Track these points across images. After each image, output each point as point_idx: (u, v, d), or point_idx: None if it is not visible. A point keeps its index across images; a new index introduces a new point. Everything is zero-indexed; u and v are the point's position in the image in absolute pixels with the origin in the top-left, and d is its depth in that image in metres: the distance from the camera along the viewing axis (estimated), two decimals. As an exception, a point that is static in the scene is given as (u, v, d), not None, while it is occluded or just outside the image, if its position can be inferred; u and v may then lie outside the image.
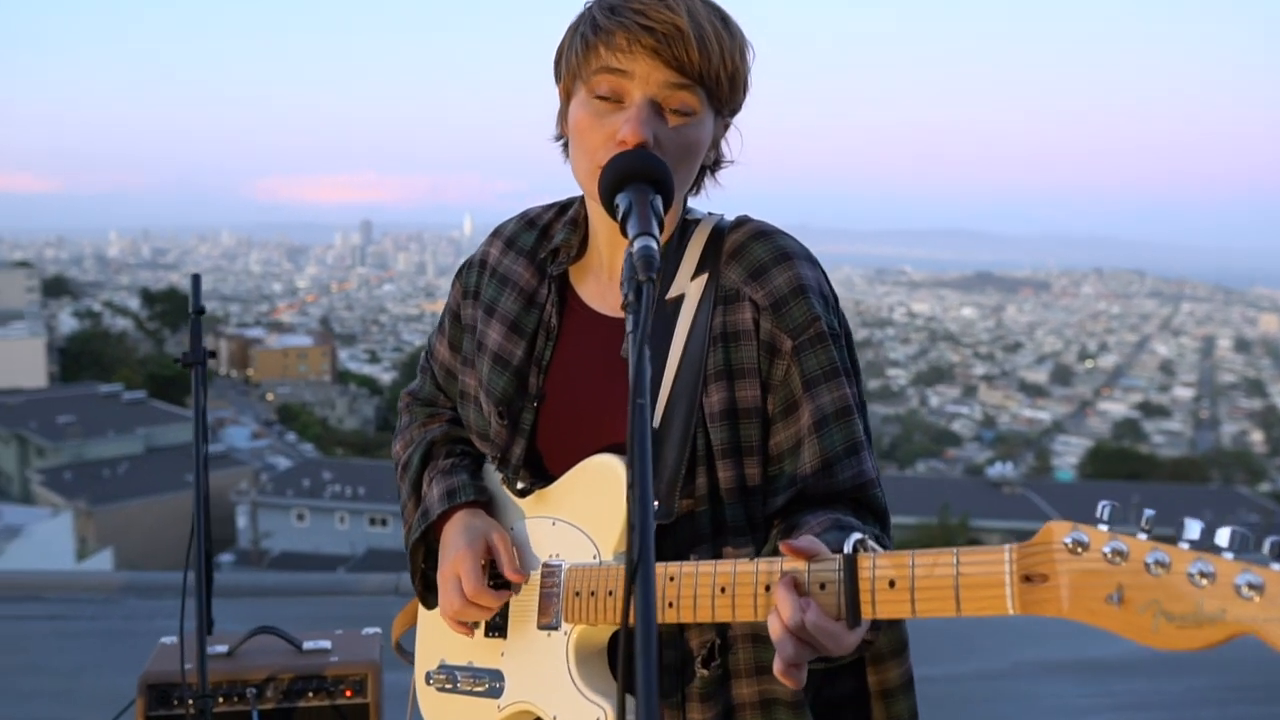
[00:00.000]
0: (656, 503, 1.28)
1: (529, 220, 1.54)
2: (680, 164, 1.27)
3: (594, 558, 1.32)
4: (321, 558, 35.50)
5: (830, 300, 1.38)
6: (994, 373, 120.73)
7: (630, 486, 1.39)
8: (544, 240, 1.49)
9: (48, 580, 5.47)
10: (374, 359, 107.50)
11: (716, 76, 1.25)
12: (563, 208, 1.52)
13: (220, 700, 2.09)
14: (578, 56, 1.27)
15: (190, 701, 1.86)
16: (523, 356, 1.45)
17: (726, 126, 1.38)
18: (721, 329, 1.33)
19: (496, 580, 1.39)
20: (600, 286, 1.43)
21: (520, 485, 1.44)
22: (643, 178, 1.17)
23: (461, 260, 1.62)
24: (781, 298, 1.32)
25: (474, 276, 1.55)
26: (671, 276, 1.38)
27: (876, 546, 1.07)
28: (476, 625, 1.43)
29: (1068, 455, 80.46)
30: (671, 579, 1.19)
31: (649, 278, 1.00)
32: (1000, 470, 57.45)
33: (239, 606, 5.06)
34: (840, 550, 1.06)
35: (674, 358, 1.33)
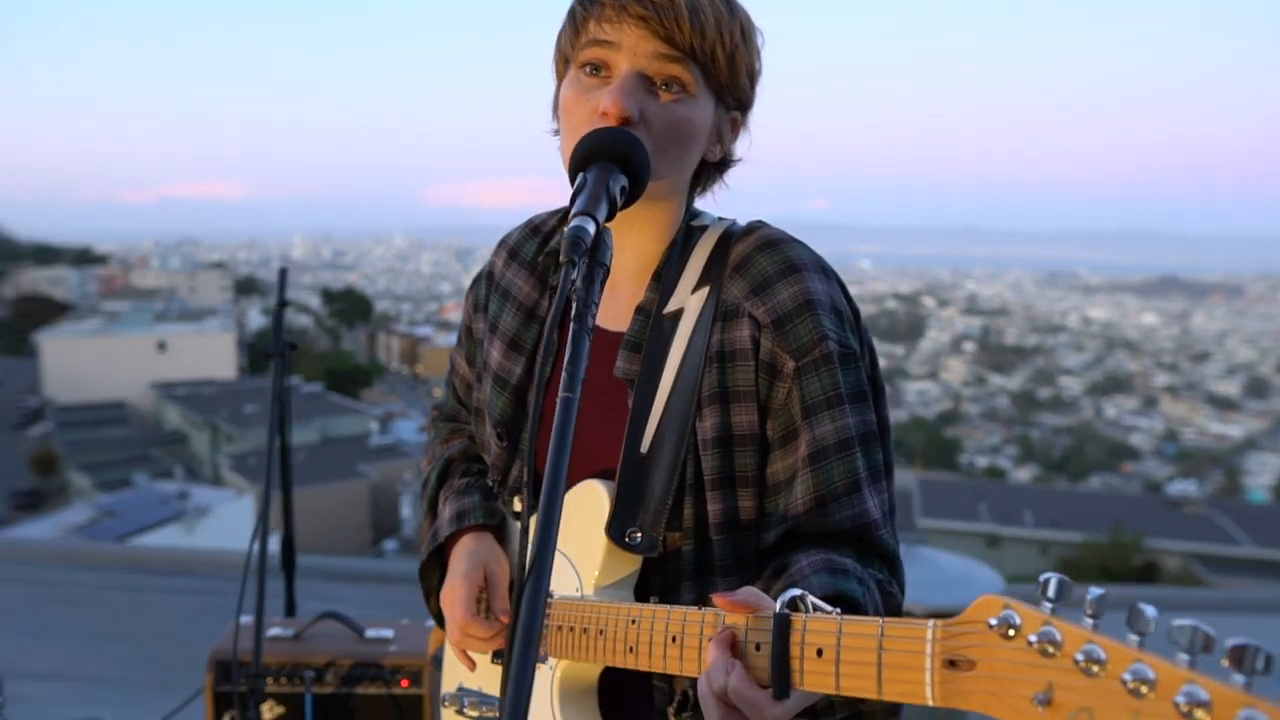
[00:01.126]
0: (639, 534, 1.20)
1: (533, 227, 1.46)
2: (670, 144, 1.18)
3: (576, 591, 1.24)
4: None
5: (846, 316, 1.24)
6: (1178, 384, 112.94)
7: (535, 504, 1.32)
8: (545, 248, 1.42)
9: (226, 559, 5.81)
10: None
11: (712, 52, 1.16)
12: (568, 212, 1.45)
13: (280, 680, 2.14)
14: (567, 35, 1.21)
15: (243, 679, 1.92)
16: (521, 375, 1.38)
17: (736, 123, 1.28)
18: (719, 347, 1.22)
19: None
20: (603, 297, 1.33)
21: (517, 509, 1.38)
22: (609, 155, 1.07)
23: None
24: (785, 314, 1.20)
25: (483, 289, 1.48)
26: (672, 288, 1.27)
27: (820, 604, 0.92)
28: (484, 654, 1.38)
29: (1262, 475, 74.39)
30: (634, 621, 1.10)
31: (570, 260, 0.92)
32: (1182, 488, 53.73)
33: (371, 592, 5.27)
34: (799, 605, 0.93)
35: (668, 377, 1.23)
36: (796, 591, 0.93)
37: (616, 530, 1.21)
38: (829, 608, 0.91)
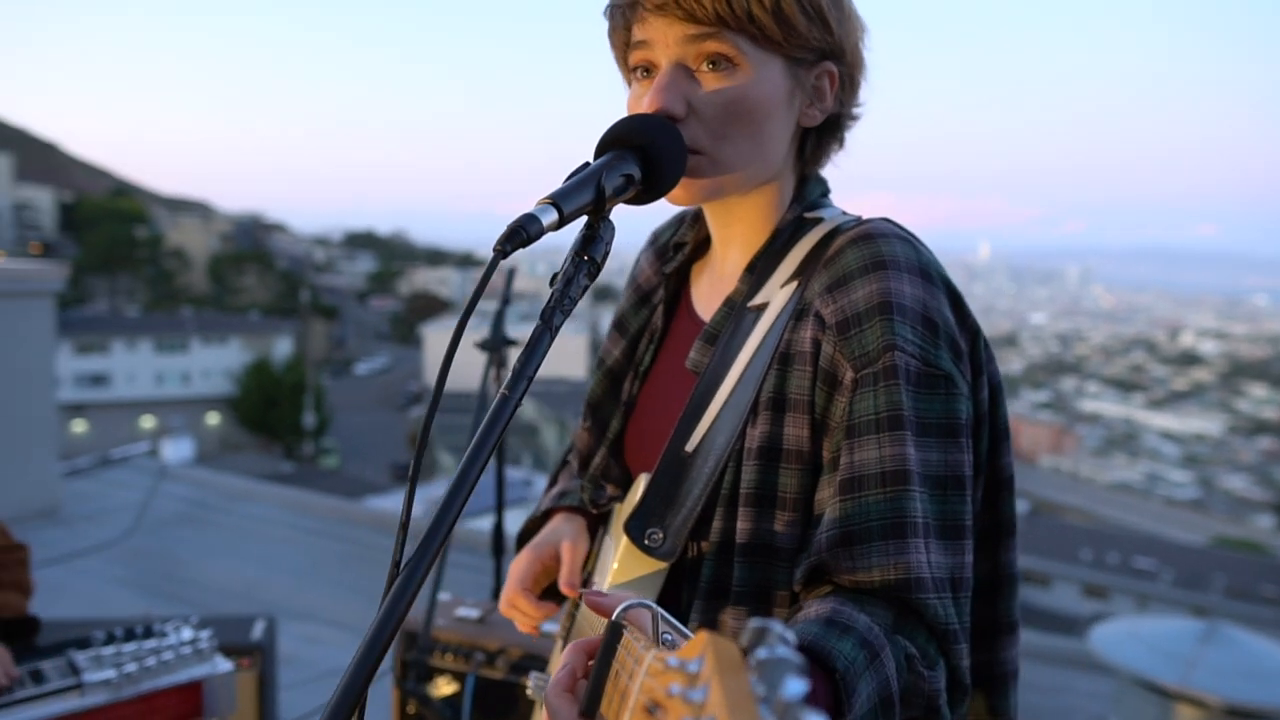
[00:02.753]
0: (660, 536, 1.10)
1: (679, 216, 1.39)
2: (729, 128, 1.06)
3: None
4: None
5: (945, 331, 1.03)
6: None
7: (621, 495, 1.22)
8: (676, 235, 1.35)
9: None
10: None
11: (748, 13, 1.02)
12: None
13: (454, 659, 2.24)
14: (616, 47, 1.14)
15: (414, 650, 2.03)
16: (618, 357, 1.32)
17: (832, 75, 1.12)
18: (785, 348, 1.08)
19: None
20: (709, 287, 1.25)
21: (586, 496, 1.31)
22: (623, 141, 0.98)
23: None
24: (853, 316, 1.02)
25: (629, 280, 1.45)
26: (763, 281, 1.14)
27: (678, 626, 0.75)
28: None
29: None
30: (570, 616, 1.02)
31: (500, 249, 0.82)
32: None
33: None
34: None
35: (734, 374, 1.11)
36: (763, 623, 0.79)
37: (636, 528, 1.11)
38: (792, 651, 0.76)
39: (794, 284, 1.11)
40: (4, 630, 1.93)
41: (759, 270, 1.16)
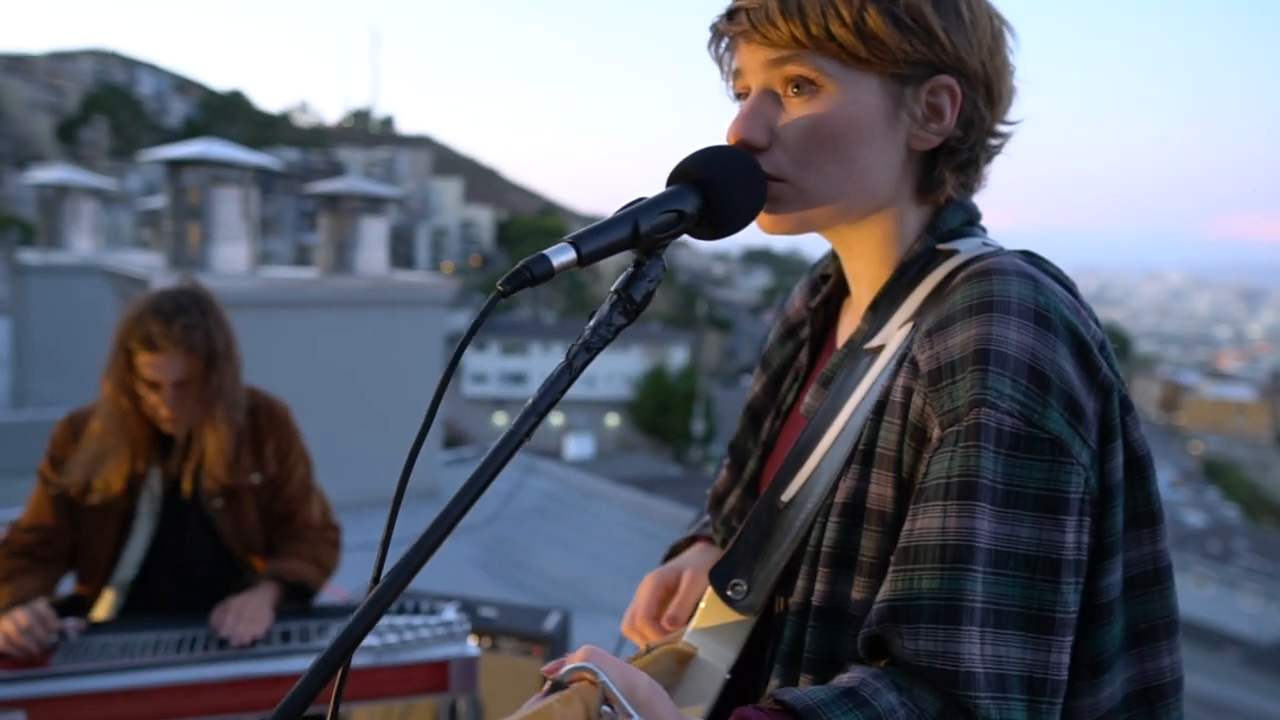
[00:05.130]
0: (743, 587, 1.05)
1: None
2: (811, 153, 0.98)
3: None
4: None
5: (1051, 382, 0.87)
6: None
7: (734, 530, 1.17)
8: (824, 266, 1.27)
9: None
10: None
11: (826, 32, 0.95)
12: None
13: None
14: (723, 76, 1.09)
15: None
16: (761, 395, 1.26)
17: (952, 90, 0.99)
18: (883, 396, 0.97)
19: None
20: (850, 325, 1.14)
21: (718, 538, 1.26)
22: (686, 175, 0.94)
23: None
24: (946, 365, 0.90)
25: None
26: (884, 321, 1.05)
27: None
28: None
29: None
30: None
31: (500, 289, 0.81)
32: None
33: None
34: None
35: (838, 423, 1.02)
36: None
37: (720, 577, 1.07)
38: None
39: (910, 325, 1.01)
40: (288, 593, 2.28)
41: (881, 309, 1.06)
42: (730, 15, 1.01)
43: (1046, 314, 0.90)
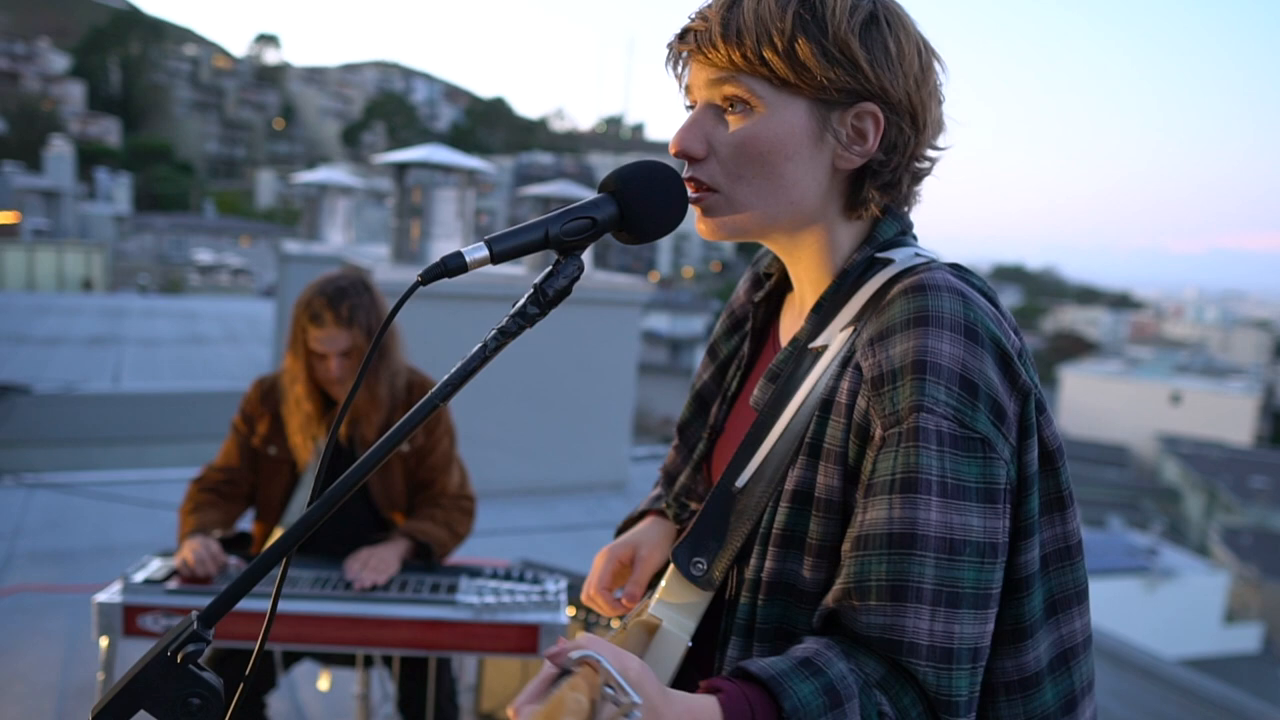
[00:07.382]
0: (703, 565, 1.16)
1: None
2: (742, 168, 1.09)
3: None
4: None
5: (979, 389, 0.99)
6: None
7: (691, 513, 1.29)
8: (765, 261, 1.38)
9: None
10: None
11: (759, 57, 1.05)
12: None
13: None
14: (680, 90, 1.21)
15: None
16: (709, 382, 1.38)
17: (875, 116, 1.08)
18: (828, 395, 1.09)
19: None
20: (791, 322, 1.26)
21: (670, 513, 1.39)
22: (607, 186, 1.08)
23: None
24: (888, 372, 1.02)
25: None
26: (825, 322, 1.15)
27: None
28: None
29: None
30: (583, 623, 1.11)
31: (421, 279, 0.98)
32: None
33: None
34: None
35: (785, 416, 1.13)
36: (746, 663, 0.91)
37: (683, 555, 1.18)
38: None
39: (851, 329, 1.11)
40: (416, 551, 2.57)
41: (824, 311, 1.17)
42: (682, 35, 1.13)
43: (975, 328, 1.01)
